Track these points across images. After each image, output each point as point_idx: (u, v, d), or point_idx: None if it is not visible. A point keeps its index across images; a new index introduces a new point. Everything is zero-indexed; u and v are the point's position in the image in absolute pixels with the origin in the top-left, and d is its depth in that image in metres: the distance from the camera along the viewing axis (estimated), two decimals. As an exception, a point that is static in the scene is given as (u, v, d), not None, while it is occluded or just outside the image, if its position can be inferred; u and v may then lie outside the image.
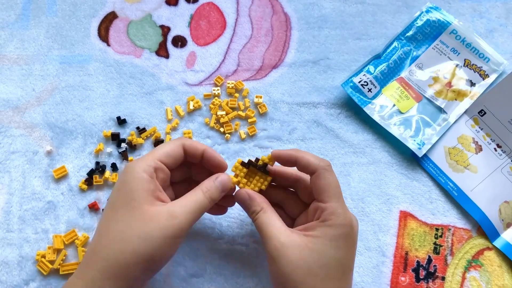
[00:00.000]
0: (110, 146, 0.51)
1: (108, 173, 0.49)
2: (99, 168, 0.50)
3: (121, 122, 0.51)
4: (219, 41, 0.55)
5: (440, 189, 0.50)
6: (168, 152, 0.39)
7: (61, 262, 0.46)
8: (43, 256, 0.46)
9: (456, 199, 0.49)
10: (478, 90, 0.52)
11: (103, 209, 0.46)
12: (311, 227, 0.38)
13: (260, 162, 0.42)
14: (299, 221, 0.42)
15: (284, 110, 0.53)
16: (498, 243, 0.48)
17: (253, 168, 0.42)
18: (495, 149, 0.50)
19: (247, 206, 0.41)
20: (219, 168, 0.41)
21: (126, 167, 0.38)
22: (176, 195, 0.43)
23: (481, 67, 0.53)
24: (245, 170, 0.42)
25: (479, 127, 0.51)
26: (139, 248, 0.35)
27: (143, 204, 0.36)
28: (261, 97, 0.53)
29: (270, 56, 0.55)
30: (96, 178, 0.49)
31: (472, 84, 0.52)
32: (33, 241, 0.47)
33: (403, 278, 0.47)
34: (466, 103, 0.52)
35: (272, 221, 0.38)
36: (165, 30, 0.56)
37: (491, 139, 0.50)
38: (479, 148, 0.50)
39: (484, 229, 0.48)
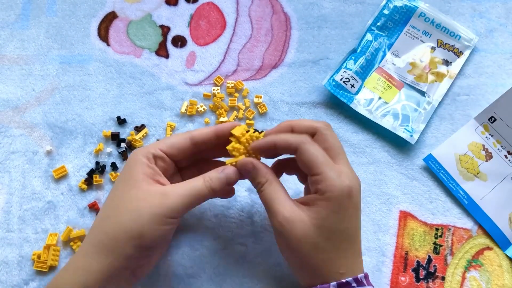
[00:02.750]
0: (110, 146, 0.51)
1: (111, 173, 0.49)
2: (99, 168, 0.50)
3: (121, 122, 0.51)
4: (219, 41, 0.55)
5: (440, 189, 0.50)
6: (172, 143, 0.40)
7: (53, 257, 0.46)
8: (39, 256, 0.46)
9: (467, 207, 0.49)
10: (454, 68, 0.53)
11: None
12: (311, 200, 0.37)
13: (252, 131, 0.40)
14: (306, 189, 0.43)
15: (284, 110, 0.53)
16: (510, 252, 0.48)
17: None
18: (505, 156, 0.50)
19: (252, 176, 0.39)
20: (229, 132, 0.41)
21: (131, 153, 0.40)
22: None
23: (454, 45, 0.54)
24: (242, 147, 0.40)
25: (489, 134, 0.51)
26: (129, 224, 0.36)
27: (140, 183, 0.37)
28: (261, 97, 0.53)
29: (270, 56, 0.55)
30: (96, 177, 0.49)
31: (448, 63, 0.53)
32: (33, 241, 0.47)
33: (403, 278, 0.47)
34: (446, 83, 0.53)
35: (277, 194, 0.38)
36: (165, 30, 0.56)
37: (501, 146, 0.50)
38: (489, 156, 0.50)
39: (495, 238, 0.48)
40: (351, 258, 0.37)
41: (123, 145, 0.50)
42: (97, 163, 0.50)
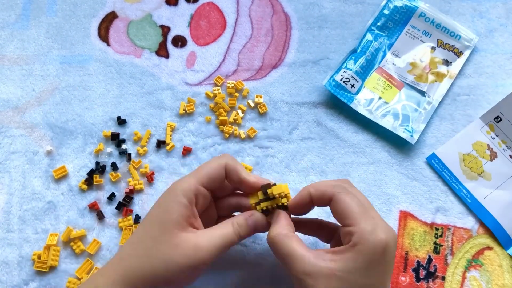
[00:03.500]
0: (110, 146, 0.51)
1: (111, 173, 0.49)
2: (99, 168, 0.50)
3: (121, 122, 0.51)
4: (219, 41, 0.55)
5: (440, 189, 0.50)
6: (211, 175, 0.39)
7: (53, 257, 0.46)
8: (39, 257, 0.46)
9: (470, 206, 0.49)
10: (455, 68, 0.53)
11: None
12: (340, 251, 0.35)
13: (276, 198, 0.39)
14: (331, 245, 0.42)
15: (284, 110, 0.53)
16: None
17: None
18: (510, 156, 0.50)
19: (272, 224, 0.38)
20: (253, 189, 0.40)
21: (169, 187, 0.39)
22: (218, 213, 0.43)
23: (454, 45, 0.54)
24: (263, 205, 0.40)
25: (495, 134, 0.51)
26: (159, 270, 0.35)
27: (174, 227, 0.36)
28: (261, 97, 0.53)
29: (270, 56, 0.55)
30: (96, 178, 0.49)
31: (449, 63, 0.53)
32: (33, 241, 0.47)
33: (403, 278, 0.47)
34: (446, 83, 0.53)
35: (297, 245, 0.36)
36: (165, 30, 0.56)
37: (506, 146, 0.50)
38: (494, 155, 0.50)
39: (498, 237, 0.48)
40: None
41: (124, 146, 0.50)
42: (97, 163, 0.50)
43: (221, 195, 0.43)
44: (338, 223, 0.38)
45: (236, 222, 0.38)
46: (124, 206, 0.48)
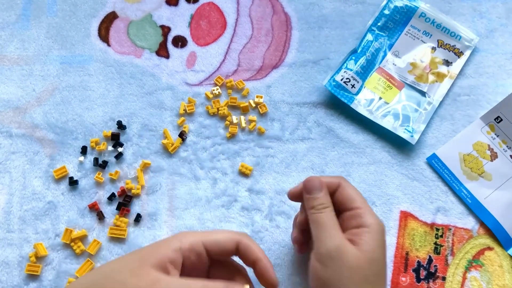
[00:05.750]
0: (110, 146, 0.51)
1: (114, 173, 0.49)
2: (99, 167, 0.50)
3: (121, 127, 0.51)
4: (219, 41, 0.55)
5: (441, 189, 0.50)
6: (218, 241, 0.35)
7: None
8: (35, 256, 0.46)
9: (470, 206, 0.49)
10: (455, 68, 0.53)
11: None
12: (356, 234, 0.37)
13: None
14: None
15: (284, 110, 0.53)
16: None
17: None
18: (511, 156, 0.50)
19: (314, 196, 0.39)
20: (266, 284, 0.37)
21: (177, 235, 0.35)
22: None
23: (455, 45, 0.54)
24: None
25: (495, 134, 0.51)
26: None
27: (153, 266, 0.33)
28: (261, 97, 0.53)
29: (271, 56, 0.55)
30: (99, 175, 0.49)
31: (449, 63, 0.53)
32: (33, 241, 0.47)
33: (403, 279, 0.47)
34: (447, 83, 0.53)
35: (333, 221, 0.38)
36: (166, 30, 0.56)
37: (507, 146, 0.50)
38: (494, 155, 0.50)
39: (499, 237, 0.48)
40: None
41: (120, 149, 0.50)
42: (96, 159, 0.50)
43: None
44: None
45: None
46: (123, 205, 0.48)
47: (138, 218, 0.48)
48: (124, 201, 0.48)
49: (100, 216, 0.48)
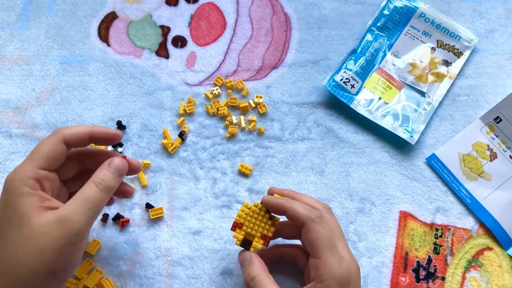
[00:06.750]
0: (109, 146, 0.51)
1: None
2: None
3: (120, 127, 0.51)
4: (219, 41, 0.55)
5: (440, 189, 0.50)
6: (48, 155, 0.35)
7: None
8: None
9: (470, 206, 0.49)
10: (454, 69, 0.53)
11: None
12: None
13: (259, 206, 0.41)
14: (307, 275, 0.42)
15: (284, 110, 0.53)
16: None
17: (259, 211, 0.41)
18: (510, 156, 0.50)
19: (244, 268, 0.40)
20: (113, 140, 0.38)
21: (5, 183, 0.34)
22: (70, 193, 0.40)
23: (454, 45, 0.54)
24: (251, 213, 0.41)
25: (495, 134, 0.51)
26: (36, 267, 0.32)
27: (30, 219, 0.32)
28: (261, 97, 0.53)
29: (270, 56, 0.55)
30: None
31: (448, 63, 0.53)
32: (33, 241, 0.47)
33: (403, 279, 0.47)
34: (446, 84, 0.53)
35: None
36: (165, 30, 0.56)
37: (506, 146, 0.50)
38: (494, 156, 0.50)
39: (498, 237, 0.48)
40: None
41: (120, 149, 0.50)
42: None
43: (67, 176, 0.39)
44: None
45: (98, 177, 0.35)
46: (120, 218, 0.48)
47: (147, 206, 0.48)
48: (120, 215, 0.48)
49: (102, 217, 0.48)
